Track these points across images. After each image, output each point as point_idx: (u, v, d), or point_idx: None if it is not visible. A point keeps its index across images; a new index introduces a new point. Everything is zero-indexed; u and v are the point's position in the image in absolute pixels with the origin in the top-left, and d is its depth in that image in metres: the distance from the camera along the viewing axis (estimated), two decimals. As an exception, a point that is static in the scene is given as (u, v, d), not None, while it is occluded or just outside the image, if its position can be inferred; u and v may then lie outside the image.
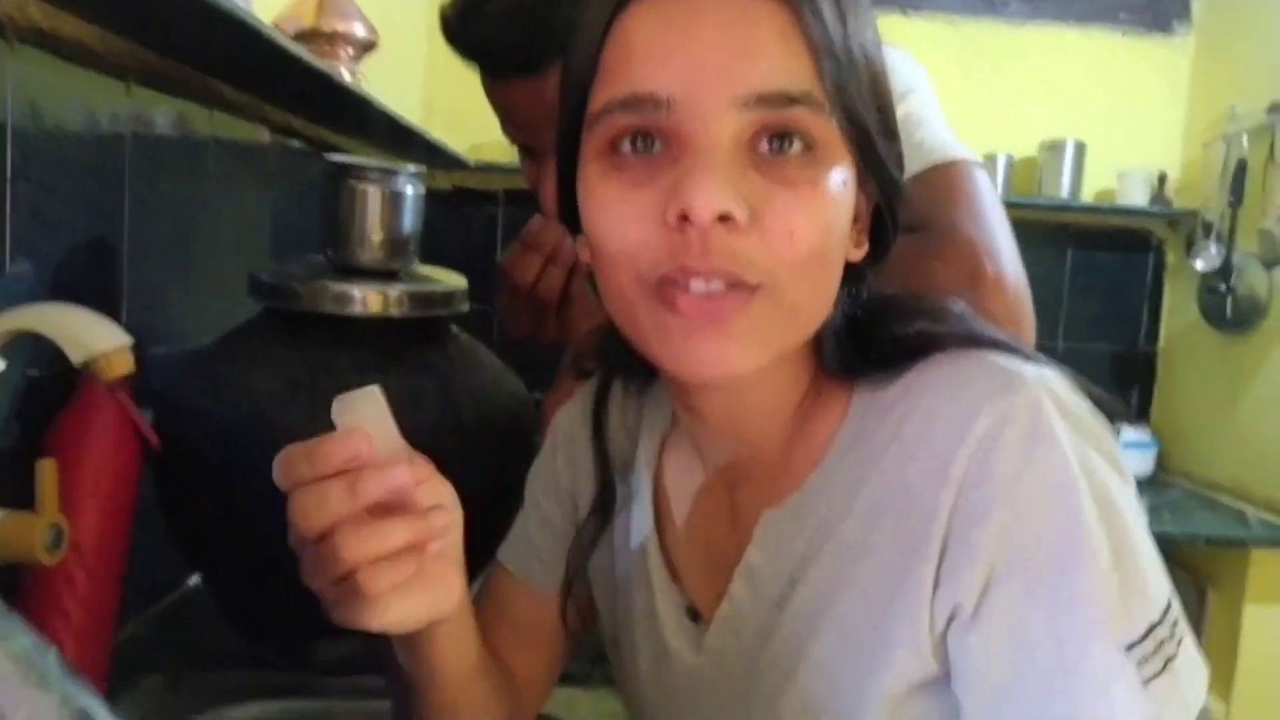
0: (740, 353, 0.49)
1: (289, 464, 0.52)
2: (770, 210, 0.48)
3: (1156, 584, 0.48)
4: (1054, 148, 2.50)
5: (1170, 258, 2.69)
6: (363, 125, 1.58)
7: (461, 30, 0.95)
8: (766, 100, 0.47)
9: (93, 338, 0.67)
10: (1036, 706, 0.46)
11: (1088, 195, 2.56)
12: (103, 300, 0.95)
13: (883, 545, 0.51)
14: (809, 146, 0.49)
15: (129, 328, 0.96)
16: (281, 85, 1.21)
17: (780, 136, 0.48)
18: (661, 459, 0.66)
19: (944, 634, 0.50)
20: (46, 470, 0.68)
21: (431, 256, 1.00)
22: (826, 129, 0.49)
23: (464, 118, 2.42)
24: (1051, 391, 0.49)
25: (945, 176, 0.78)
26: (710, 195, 0.46)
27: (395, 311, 0.90)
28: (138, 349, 0.75)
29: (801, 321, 0.52)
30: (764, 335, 0.50)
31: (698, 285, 0.48)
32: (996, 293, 0.73)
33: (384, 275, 0.93)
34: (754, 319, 0.49)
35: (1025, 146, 2.57)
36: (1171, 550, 2.41)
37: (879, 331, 0.55)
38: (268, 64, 1.04)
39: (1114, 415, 0.53)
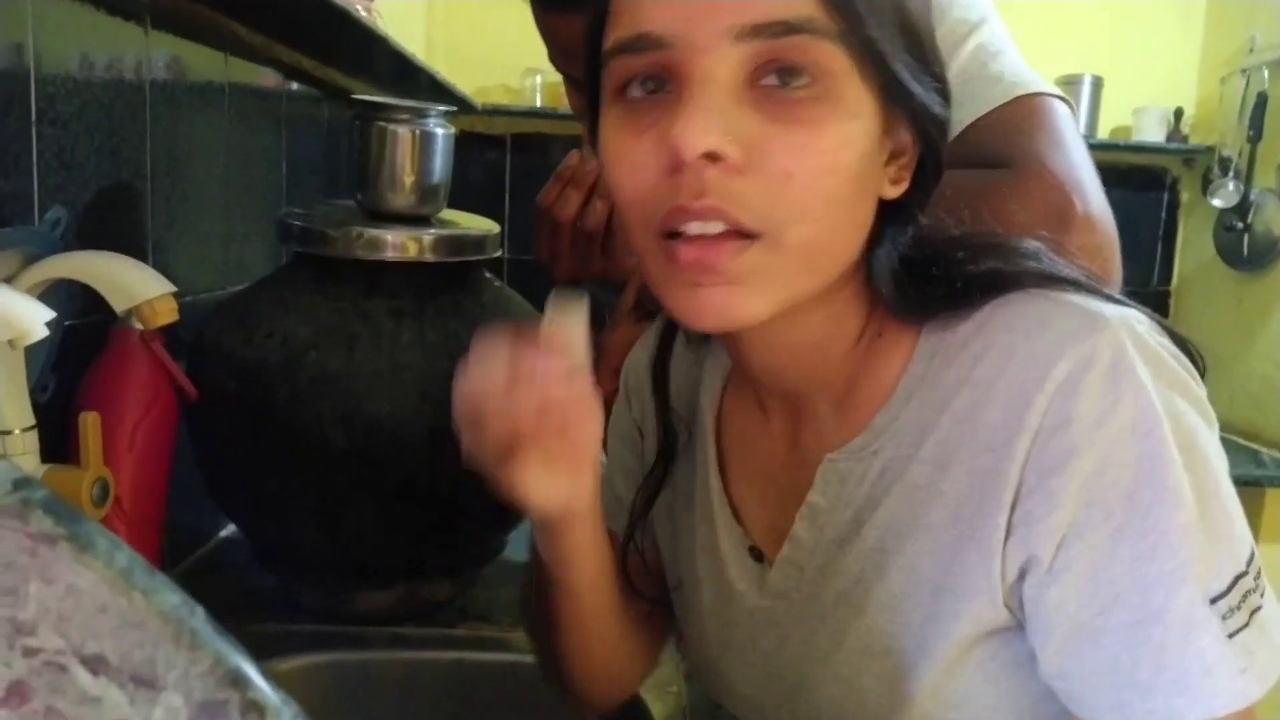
0: (742, 302, 0.48)
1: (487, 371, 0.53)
2: (769, 150, 0.46)
3: (1241, 533, 0.47)
4: (1071, 83, 2.46)
5: (1185, 195, 2.66)
6: (371, 67, 1.54)
7: None
8: (763, 30, 0.45)
9: (136, 286, 0.65)
10: (1123, 652, 0.46)
11: (1103, 132, 2.53)
12: (128, 246, 0.93)
13: (954, 490, 0.50)
14: (816, 79, 0.46)
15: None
16: (296, 25, 1.17)
17: (786, 70, 0.46)
18: (724, 400, 0.65)
19: (1016, 583, 0.48)
20: (90, 424, 0.67)
21: None
22: (835, 57, 0.46)
23: (466, 61, 2.37)
24: (1135, 333, 0.47)
25: (1028, 110, 0.74)
26: (694, 132, 0.44)
27: (429, 256, 0.89)
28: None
29: (816, 266, 0.49)
30: (768, 282, 0.48)
31: (693, 228, 0.47)
32: (1086, 231, 0.70)
33: (415, 220, 0.91)
34: (754, 265, 0.47)
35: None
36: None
37: (946, 270, 0.52)
38: (284, 4, 1.01)
39: (1196, 359, 0.51)
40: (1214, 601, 0.45)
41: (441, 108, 0.91)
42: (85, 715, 0.19)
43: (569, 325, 0.54)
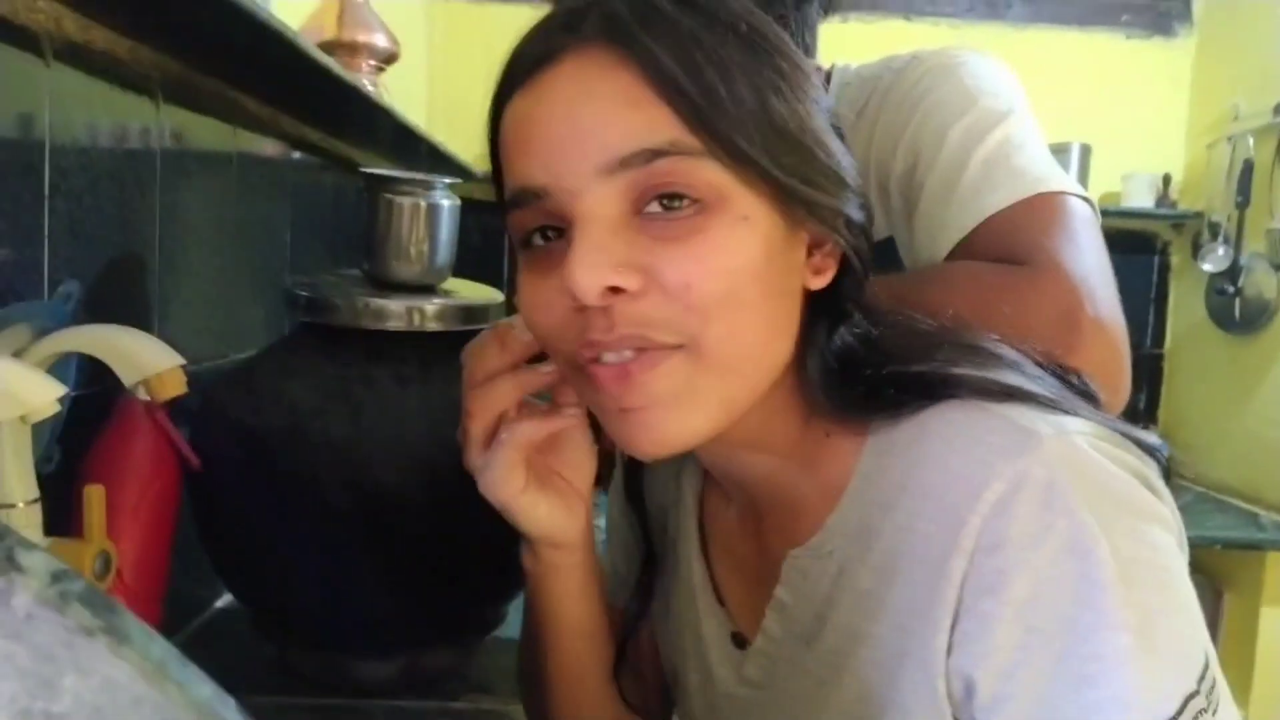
0: (678, 422, 0.49)
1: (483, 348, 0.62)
2: (664, 268, 0.47)
3: (1192, 649, 0.45)
4: (1059, 150, 2.50)
5: (1175, 259, 2.69)
6: (375, 137, 1.57)
7: None
8: (629, 161, 0.46)
9: (145, 358, 0.65)
10: None
11: (1093, 198, 2.56)
12: (135, 316, 0.94)
13: (897, 602, 0.49)
14: (696, 197, 0.47)
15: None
16: (302, 97, 1.20)
17: (665, 196, 0.47)
18: (706, 488, 0.66)
19: (965, 703, 0.47)
20: (94, 497, 0.66)
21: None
22: (708, 171, 0.47)
23: (464, 128, 2.41)
24: (1071, 450, 0.46)
25: (1045, 207, 0.74)
26: (588, 273, 0.46)
27: (433, 325, 0.89)
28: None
29: (741, 370, 0.50)
30: (691, 398, 0.49)
31: (610, 357, 0.48)
32: (1094, 338, 0.68)
33: (420, 289, 0.92)
34: (679, 380, 0.48)
35: (1031, 150, 2.58)
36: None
37: (881, 369, 0.52)
38: (293, 74, 1.03)
39: (1161, 464, 0.51)
40: None
41: (446, 180, 0.92)
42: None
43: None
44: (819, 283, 0.52)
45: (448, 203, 0.92)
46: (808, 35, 0.90)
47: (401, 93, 2.15)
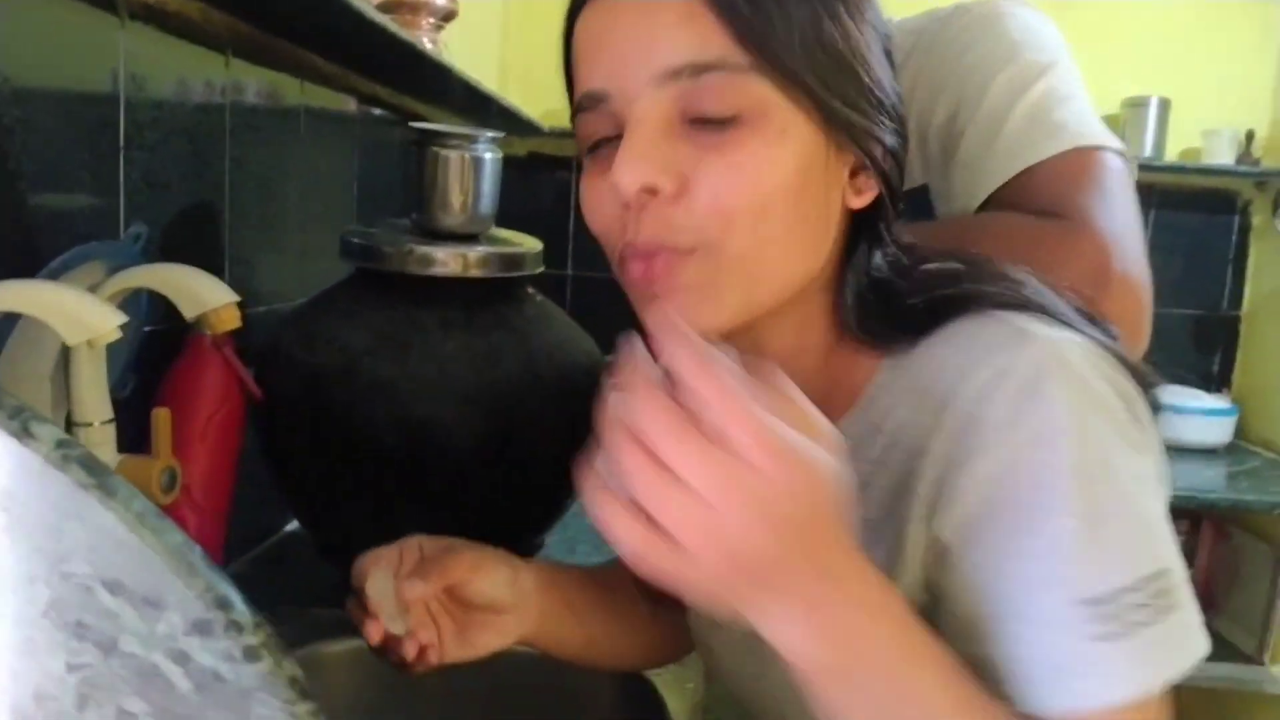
0: (697, 309, 0.53)
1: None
2: (698, 175, 0.51)
3: (1143, 552, 0.48)
4: (1137, 104, 2.43)
5: (1256, 219, 2.60)
6: (443, 92, 1.63)
7: None
8: (678, 72, 0.51)
9: (204, 294, 0.72)
10: (994, 647, 0.48)
11: (1172, 154, 2.48)
12: (207, 260, 1.02)
13: (886, 484, 0.54)
14: (740, 110, 0.51)
15: (232, 286, 1.02)
16: (367, 55, 1.25)
17: (715, 108, 0.51)
18: None
19: (935, 568, 0.52)
20: (161, 418, 0.73)
21: (506, 221, 1.04)
22: (755, 89, 0.51)
23: (538, 84, 2.45)
24: (1061, 355, 0.50)
25: (1083, 162, 0.76)
26: (629, 170, 0.50)
27: (475, 272, 0.95)
28: (242, 305, 0.80)
29: (760, 276, 0.54)
30: (715, 290, 0.53)
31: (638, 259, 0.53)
32: (1121, 291, 0.72)
33: (465, 238, 0.98)
34: (695, 277, 0.52)
35: (1108, 104, 2.49)
36: (1249, 519, 2.36)
37: (913, 295, 0.56)
38: (354, 35, 1.09)
39: (1148, 385, 0.54)
40: (1087, 606, 0.46)
41: (490, 134, 0.97)
42: (105, 627, 0.25)
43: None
44: (859, 202, 0.56)
45: (490, 155, 0.97)
46: None
47: (474, 49, 2.21)
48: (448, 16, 1.33)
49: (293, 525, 1.23)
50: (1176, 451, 2.39)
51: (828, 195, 0.55)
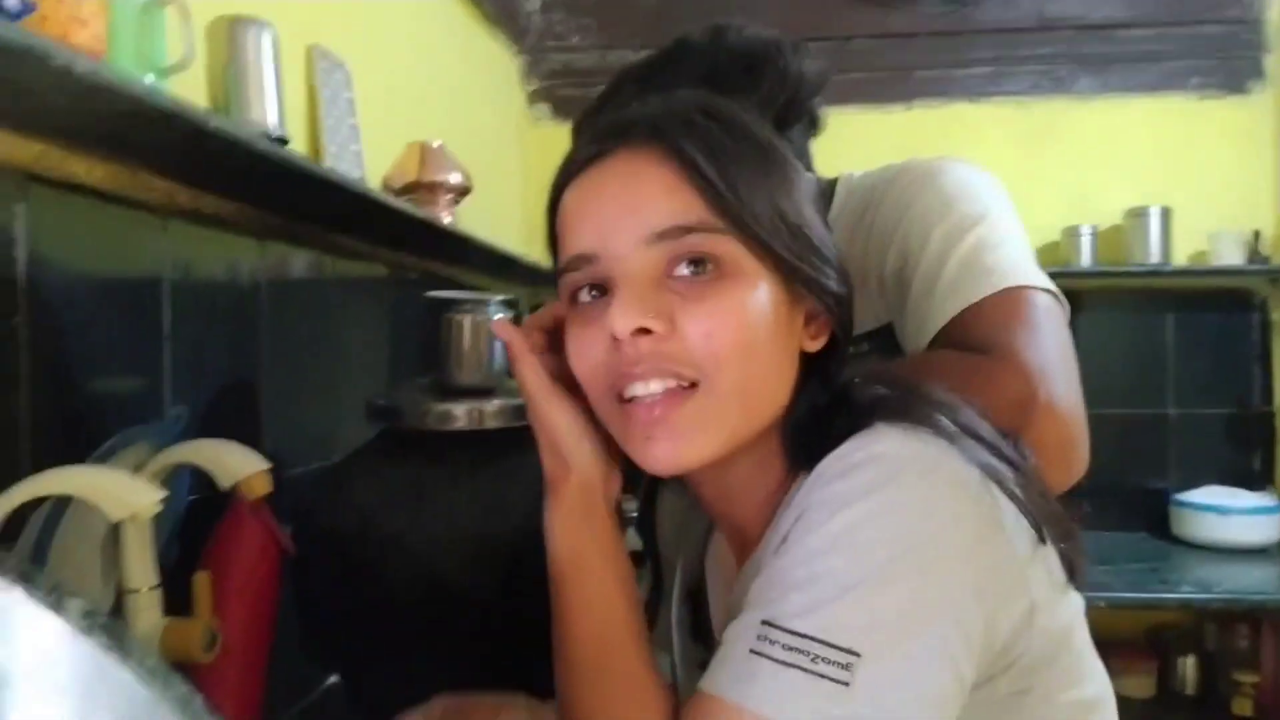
0: (687, 447, 0.60)
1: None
2: (687, 319, 0.59)
3: (858, 632, 0.51)
4: (1139, 214, 2.50)
5: (1275, 314, 2.61)
6: (465, 256, 1.74)
7: None
8: (664, 234, 0.59)
9: (236, 465, 0.80)
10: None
11: (1179, 259, 2.54)
12: (245, 430, 1.10)
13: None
14: (717, 265, 0.59)
15: (269, 452, 1.10)
16: (391, 231, 1.37)
17: (694, 261, 0.59)
18: (712, 532, 0.76)
19: None
20: (202, 582, 0.80)
21: None
22: (728, 247, 0.59)
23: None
24: (921, 452, 0.56)
25: (1009, 301, 0.82)
26: (624, 316, 0.58)
27: (490, 424, 1.02)
28: (277, 469, 0.88)
29: (748, 406, 0.61)
30: (709, 425, 0.60)
31: (639, 388, 0.60)
32: (1047, 419, 0.76)
33: (480, 393, 1.05)
34: (696, 412, 0.59)
35: (1110, 216, 2.57)
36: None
37: (840, 413, 0.62)
38: (377, 216, 1.20)
39: (1039, 531, 0.58)
40: (767, 624, 0.53)
41: (500, 297, 1.06)
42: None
43: None
44: (814, 346, 0.64)
45: (500, 316, 1.06)
46: (801, 151, 1.01)
47: (498, 212, 2.36)
48: (463, 192, 1.45)
49: (334, 679, 1.27)
50: (1224, 553, 2.35)
51: (790, 339, 0.62)
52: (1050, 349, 0.79)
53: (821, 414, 0.63)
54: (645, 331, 0.58)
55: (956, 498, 0.55)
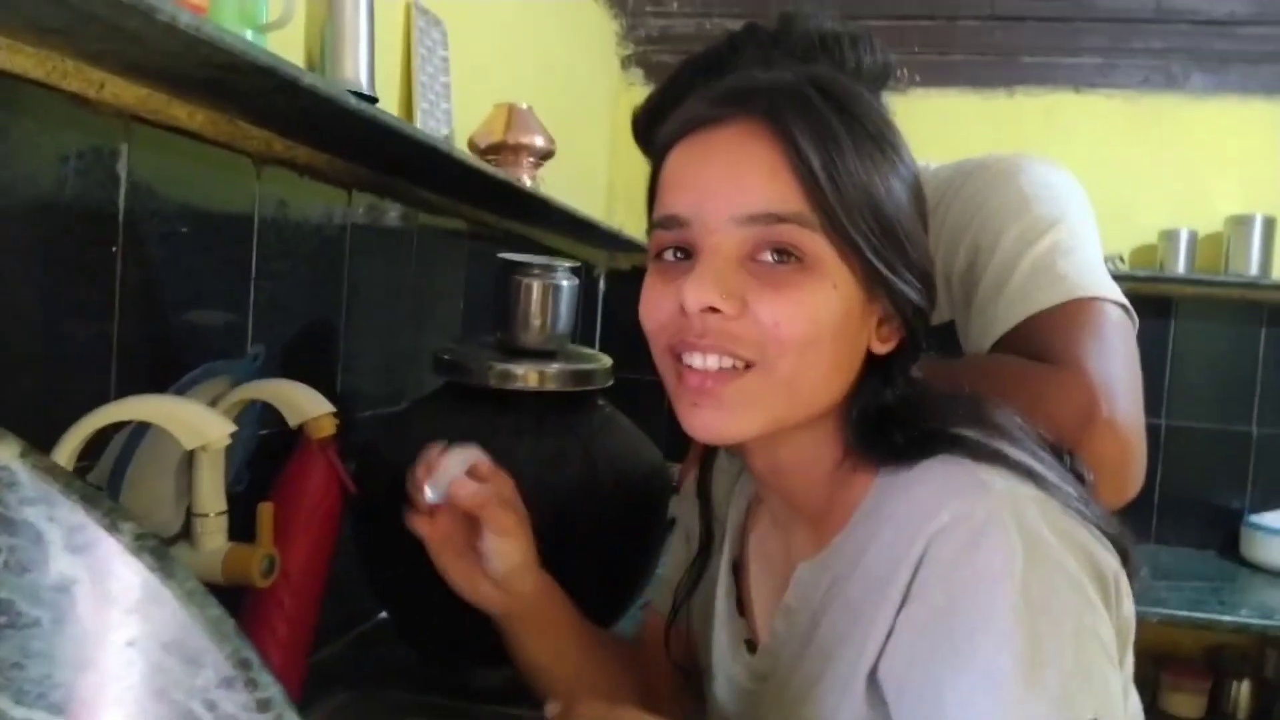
0: (728, 421, 0.61)
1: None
2: (759, 304, 0.60)
3: (1078, 698, 0.51)
4: (1242, 222, 2.40)
5: (1380, 338, 2.50)
6: (546, 217, 1.78)
7: (647, 132, 1.07)
8: (757, 219, 0.59)
9: (304, 405, 0.84)
10: None
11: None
12: (322, 371, 1.16)
13: (866, 608, 0.59)
14: (801, 258, 0.60)
15: (341, 394, 1.15)
16: (473, 189, 1.41)
17: (779, 250, 0.60)
18: (752, 508, 0.78)
19: (880, 695, 0.57)
20: (264, 512, 0.84)
21: (610, 330, 1.14)
22: (817, 243, 0.59)
23: (641, 205, 2.60)
24: (1016, 508, 0.55)
25: (1080, 312, 0.81)
26: (698, 291, 0.59)
27: (549, 386, 1.06)
28: (349, 410, 0.92)
29: (797, 395, 0.62)
30: (754, 405, 0.61)
31: (695, 359, 0.61)
32: (1108, 435, 0.76)
33: (542, 355, 1.09)
34: (744, 392, 0.61)
35: (1210, 222, 2.48)
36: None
37: (908, 422, 0.63)
38: (461, 175, 1.24)
39: (1118, 543, 0.59)
40: None
41: (567, 264, 1.09)
42: (156, 675, 0.35)
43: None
44: (882, 349, 0.65)
45: (566, 283, 1.09)
46: None
47: (584, 175, 2.38)
48: (546, 155, 1.48)
49: (384, 614, 1.33)
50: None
51: (857, 338, 0.63)
52: (1117, 364, 0.79)
53: (885, 412, 0.64)
54: (714, 310, 0.60)
55: (1084, 543, 0.57)
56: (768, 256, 0.60)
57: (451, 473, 0.79)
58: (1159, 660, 2.39)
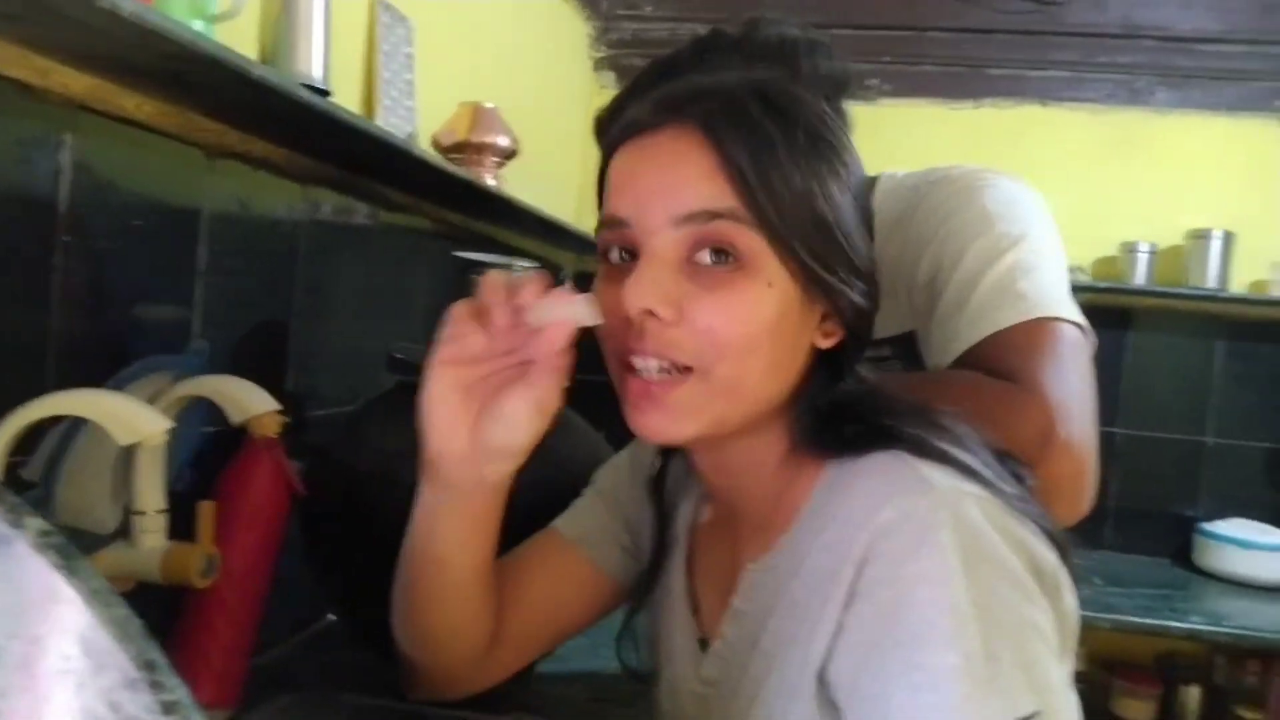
0: (670, 423, 0.62)
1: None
2: (695, 310, 0.60)
3: (1020, 693, 0.52)
4: (1201, 236, 2.44)
5: (1334, 353, 2.54)
6: (514, 219, 1.77)
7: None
8: (694, 217, 0.60)
9: (248, 402, 0.83)
10: None
11: (1238, 286, 2.47)
12: (271, 368, 1.14)
13: (812, 607, 0.59)
14: (738, 256, 0.60)
15: (291, 392, 1.14)
16: (436, 188, 1.40)
17: (717, 250, 0.61)
18: (699, 508, 0.78)
19: (831, 691, 0.57)
20: (205, 510, 0.83)
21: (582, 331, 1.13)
22: (753, 239, 0.60)
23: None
24: (958, 506, 0.56)
25: (1038, 332, 0.82)
26: (636, 294, 0.60)
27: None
28: (298, 409, 0.91)
29: (739, 396, 0.62)
30: (695, 408, 0.62)
31: (638, 362, 0.62)
32: (1064, 456, 0.77)
33: (497, 355, 1.08)
34: (685, 396, 0.61)
35: (1170, 235, 2.51)
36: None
37: (855, 418, 0.63)
38: (418, 172, 1.23)
39: (1059, 545, 0.59)
40: None
41: (525, 264, 1.08)
42: (64, 676, 0.34)
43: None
44: (826, 343, 0.66)
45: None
46: None
47: (555, 179, 2.37)
48: (510, 155, 1.47)
49: (332, 616, 1.32)
50: (1243, 588, 2.32)
51: (799, 336, 0.64)
52: (1073, 385, 0.80)
53: (834, 410, 0.65)
54: (652, 314, 0.60)
55: (1025, 541, 0.57)
56: (706, 258, 0.61)
57: (561, 313, 0.63)
58: (1111, 665, 2.42)
